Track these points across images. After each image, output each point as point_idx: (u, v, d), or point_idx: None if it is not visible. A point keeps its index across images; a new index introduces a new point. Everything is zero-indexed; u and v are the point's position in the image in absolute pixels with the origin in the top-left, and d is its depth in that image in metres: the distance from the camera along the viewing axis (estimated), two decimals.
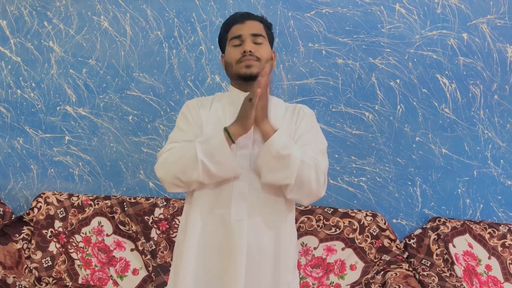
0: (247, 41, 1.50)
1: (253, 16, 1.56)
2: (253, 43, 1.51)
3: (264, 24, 1.57)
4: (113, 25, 2.71)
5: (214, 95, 1.68)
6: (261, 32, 1.54)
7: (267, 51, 1.53)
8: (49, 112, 2.77)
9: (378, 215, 2.58)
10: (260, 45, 1.51)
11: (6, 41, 2.75)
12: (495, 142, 2.63)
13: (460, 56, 2.59)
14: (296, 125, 1.55)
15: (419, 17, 2.58)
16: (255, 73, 1.48)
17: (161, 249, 2.56)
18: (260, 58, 1.50)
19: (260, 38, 1.52)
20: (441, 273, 2.43)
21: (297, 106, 1.62)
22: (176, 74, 2.70)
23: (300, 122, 1.55)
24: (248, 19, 1.54)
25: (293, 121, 1.56)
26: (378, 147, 2.65)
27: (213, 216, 1.48)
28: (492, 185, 2.64)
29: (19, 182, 2.80)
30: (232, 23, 1.55)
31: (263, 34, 1.54)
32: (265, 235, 1.48)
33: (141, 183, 2.76)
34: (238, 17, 1.55)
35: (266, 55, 1.52)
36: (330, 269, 2.49)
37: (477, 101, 2.62)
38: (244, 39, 1.50)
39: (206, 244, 1.48)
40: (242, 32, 1.51)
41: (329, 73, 2.63)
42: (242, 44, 1.51)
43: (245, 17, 1.54)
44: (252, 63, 1.48)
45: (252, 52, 1.48)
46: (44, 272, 2.46)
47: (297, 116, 1.57)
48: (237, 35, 1.51)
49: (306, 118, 1.56)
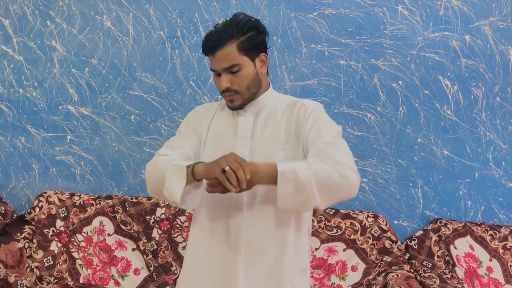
0: (222, 78, 1.45)
1: (224, 41, 1.41)
2: (229, 74, 1.44)
3: (240, 41, 1.42)
4: (116, 24, 2.71)
5: (222, 102, 1.64)
6: (234, 61, 1.42)
7: (244, 77, 1.45)
8: (51, 111, 2.77)
9: (380, 217, 2.58)
10: (236, 74, 1.44)
11: (9, 40, 2.75)
12: (496, 144, 2.63)
13: (462, 58, 2.60)
14: (299, 122, 1.48)
15: (421, 18, 2.59)
16: (238, 106, 1.48)
17: (163, 249, 2.56)
18: (238, 90, 1.46)
19: (234, 68, 1.43)
20: (442, 274, 2.43)
21: (298, 102, 1.53)
22: (179, 74, 2.70)
23: (304, 121, 1.47)
24: (217, 48, 1.41)
25: (292, 119, 1.49)
26: (380, 149, 2.65)
27: (212, 227, 1.51)
28: (494, 187, 2.64)
29: (21, 181, 2.80)
30: (205, 53, 1.47)
31: (236, 62, 1.42)
32: (266, 240, 1.48)
33: (143, 182, 2.76)
34: (207, 47, 1.44)
35: (244, 83, 1.46)
36: (331, 270, 2.49)
37: (479, 103, 2.62)
38: (220, 74, 1.45)
39: (207, 254, 1.51)
40: (215, 68, 1.45)
41: (331, 74, 2.64)
42: (219, 77, 1.46)
43: (214, 47, 1.42)
44: (233, 98, 1.47)
45: (229, 87, 1.45)
46: (46, 272, 2.46)
47: (297, 113, 1.50)
48: (213, 70, 1.47)
49: (309, 114, 1.47)
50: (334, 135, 1.43)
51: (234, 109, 1.51)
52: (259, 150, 1.46)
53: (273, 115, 1.53)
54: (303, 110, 1.49)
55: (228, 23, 1.43)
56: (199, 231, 1.54)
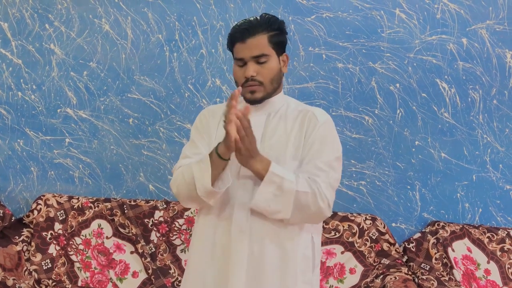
0: (248, 66, 1.46)
1: (256, 30, 1.46)
2: (256, 64, 1.46)
3: (270, 34, 1.47)
4: (114, 28, 2.72)
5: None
6: (264, 50, 1.46)
7: (271, 69, 1.48)
8: (49, 115, 2.77)
9: (378, 219, 2.59)
10: (263, 65, 1.47)
11: (8, 43, 2.76)
12: (494, 147, 2.64)
13: (460, 61, 2.61)
14: (306, 134, 1.50)
15: (418, 22, 2.60)
16: (259, 98, 1.49)
17: (161, 251, 2.56)
18: (263, 81, 1.48)
19: (263, 58, 1.46)
20: (440, 277, 2.43)
21: (309, 111, 1.55)
22: (177, 77, 2.71)
23: (311, 133, 1.49)
24: (250, 36, 1.45)
25: (303, 129, 1.51)
26: (378, 151, 2.66)
27: (217, 227, 1.51)
28: (491, 190, 2.65)
29: (19, 184, 2.81)
30: (234, 40, 1.49)
31: (266, 52, 1.46)
32: (269, 246, 1.47)
33: (141, 185, 2.76)
34: (239, 33, 1.47)
35: (269, 75, 1.48)
36: (329, 273, 2.49)
37: (476, 106, 2.63)
38: (246, 62, 1.47)
39: (209, 255, 1.51)
40: (243, 55, 1.46)
41: (329, 77, 2.65)
42: (245, 66, 1.47)
43: (247, 34, 1.45)
44: (255, 89, 1.48)
45: (254, 77, 1.46)
46: (44, 275, 2.46)
47: (308, 124, 1.51)
48: (239, 57, 1.47)
49: (317, 128, 1.50)
50: (331, 160, 1.48)
51: (253, 102, 1.50)
52: (267, 155, 1.45)
53: (283, 120, 1.54)
54: (313, 122, 1.51)
55: (259, 17, 1.49)
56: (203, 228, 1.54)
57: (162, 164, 2.74)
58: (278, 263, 1.48)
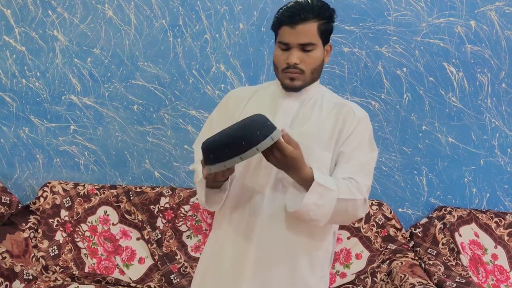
0: (293, 52, 1.39)
1: (308, 16, 1.37)
2: (301, 51, 1.40)
3: (320, 22, 1.40)
4: (118, 13, 2.69)
5: (262, 85, 1.63)
6: (312, 39, 1.39)
7: (315, 59, 1.42)
8: (54, 102, 2.77)
9: (384, 204, 2.57)
10: (308, 53, 1.40)
11: (11, 30, 2.75)
12: (502, 131, 2.61)
13: (468, 44, 2.57)
14: (344, 128, 1.45)
15: (426, 4, 2.55)
16: (297, 86, 1.44)
17: (167, 238, 2.57)
18: (304, 70, 1.42)
19: (309, 46, 1.40)
20: (447, 262, 2.42)
21: (345, 105, 1.49)
22: (181, 63, 2.69)
23: (349, 128, 1.44)
24: (300, 21, 1.37)
25: (338, 121, 1.46)
26: (384, 136, 2.64)
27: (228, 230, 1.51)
28: (499, 174, 2.63)
29: (25, 171, 2.81)
30: (282, 22, 1.40)
31: (313, 41, 1.39)
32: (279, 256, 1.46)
33: (147, 172, 2.76)
34: (289, 17, 1.38)
35: (312, 65, 1.42)
36: (335, 258, 2.49)
37: (485, 90, 2.59)
38: (291, 48, 1.40)
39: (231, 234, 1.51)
40: (289, 41, 1.39)
41: (335, 61, 2.61)
42: (288, 51, 1.41)
43: (297, 20, 1.37)
44: (296, 76, 1.42)
45: (297, 65, 1.40)
46: (51, 261, 2.47)
47: (344, 118, 1.46)
48: (285, 42, 1.41)
49: (356, 124, 1.45)
50: (371, 160, 1.47)
51: (291, 89, 1.45)
52: (298, 133, 1.40)
53: (318, 108, 1.49)
54: (351, 116, 1.46)
55: (312, 2, 1.40)
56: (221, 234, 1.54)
57: (167, 150, 2.73)
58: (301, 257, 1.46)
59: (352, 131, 1.44)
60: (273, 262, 1.45)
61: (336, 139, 1.44)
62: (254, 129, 1.23)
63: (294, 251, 1.46)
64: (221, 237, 1.53)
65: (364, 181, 1.41)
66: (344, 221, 1.49)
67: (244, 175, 1.47)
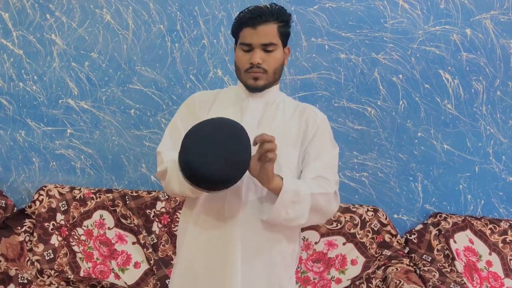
0: (256, 52, 1.45)
1: (267, 18, 1.44)
2: (263, 51, 1.45)
3: (279, 24, 1.47)
4: (116, 18, 2.70)
5: (221, 89, 1.67)
6: (273, 39, 1.45)
7: (276, 59, 1.48)
8: (51, 105, 2.77)
9: (380, 210, 2.58)
10: (270, 53, 1.46)
11: (9, 33, 2.75)
12: (497, 138, 2.62)
13: (463, 51, 2.59)
14: (308, 128, 1.52)
15: (422, 12, 2.58)
16: (261, 86, 1.49)
17: (163, 242, 2.56)
18: (267, 70, 1.47)
19: (271, 46, 1.45)
20: (442, 268, 2.43)
21: (306, 109, 1.57)
22: (179, 68, 2.69)
23: (312, 129, 1.52)
24: (261, 23, 1.44)
25: (301, 122, 1.53)
26: (380, 143, 2.65)
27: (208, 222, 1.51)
28: (494, 181, 2.64)
29: (21, 174, 2.81)
30: (243, 25, 1.46)
31: (274, 41, 1.45)
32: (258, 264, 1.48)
33: (143, 176, 2.76)
34: (250, 19, 1.44)
35: (274, 64, 1.48)
36: (331, 264, 2.50)
37: (480, 97, 2.61)
38: (253, 49, 1.45)
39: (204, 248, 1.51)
40: (252, 41, 1.45)
41: (331, 68, 2.63)
42: (251, 52, 1.46)
43: (258, 20, 1.43)
44: (259, 76, 1.47)
45: (260, 64, 1.46)
46: (46, 265, 2.46)
47: (307, 119, 1.54)
48: (247, 43, 1.46)
49: (318, 125, 1.53)
50: (334, 157, 1.55)
51: (254, 89, 1.50)
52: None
53: (281, 111, 1.55)
54: (313, 117, 1.55)
55: (271, 6, 1.47)
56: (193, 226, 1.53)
57: None
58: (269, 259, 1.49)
59: (315, 132, 1.52)
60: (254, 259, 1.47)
61: (302, 138, 1.52)
62: (243, 166, 1.29)
63: (270, 252, 1.50)
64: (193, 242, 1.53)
65: (332, 176, 1.49)
66: (320, 219, 1.50)
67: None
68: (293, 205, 1.38)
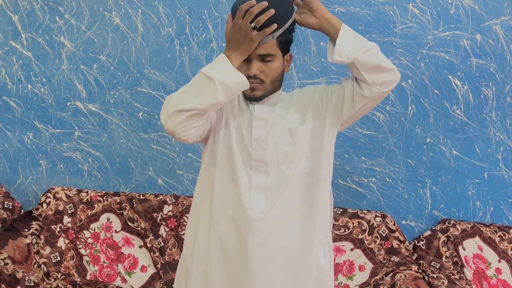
0: (253, 63, 1.44)
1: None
2: (260, 62, 1.44)
3: (279, 35, 1.45)
4: (125, 21, 2.70)
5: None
6: (270, 50, 1.44)
7: (274, 69, 1.47)
8: (59, 108, 2.77)
9: (388, 216, 2.57)
10: (268, 64, 1.45)
11: (18, 35, 2.75)
12: (506, 145, 2.61)
13: (473, 57, 2.57)
14: (313, 102, 1.56)
15: (432, 17, 2.57)
16: (258, 96, 1.49)
17: (170, 246, 2.56)
18: (264, 80, 1.47)
19: (268, 57, 1.44)
20: (451, 275, 2.41)
21: (295, 90, 1.63)
22: (187, 71, 2.69)
23: (326, 100, 1.56)
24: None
25: (302, 98, 1.57)
26: (389, 148, 2.64)
27: (226, 216, 1.51)
28: (503, 188, 2.62)
29: (29, 177, 2.81)
30: None
31: (272, 52, 1.44)
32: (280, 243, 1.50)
33: (150, 180, 2.76)
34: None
35: (272, 74, 1.47)
36: (338, 270, 2.48)
37: (489, 103, 2.60)
38: (251, 59, 1.44)
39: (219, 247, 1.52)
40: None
41: (340, 72, 2.62)
42: (248, 63, 1.44)
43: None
44: (256, 86, 1.47)
45: (257, 75, 1.45)
46: (53, 268, 2.46)
47: (307, 98, 1.57)
48: None
49: (316, 89, 1.60)
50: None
51: (251, 99, 1.51)
52: (279, 128, 1.50)
53: (287, 106, 1.56)
54: (305, 90, 1.61)
55: None
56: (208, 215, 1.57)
57: (171, 158, 2.73)
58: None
59: (324, 97, 1.58)
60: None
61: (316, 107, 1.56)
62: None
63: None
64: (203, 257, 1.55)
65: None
66: (389, 76, 1.48)
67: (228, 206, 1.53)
68: (356, 41, 1.42)
